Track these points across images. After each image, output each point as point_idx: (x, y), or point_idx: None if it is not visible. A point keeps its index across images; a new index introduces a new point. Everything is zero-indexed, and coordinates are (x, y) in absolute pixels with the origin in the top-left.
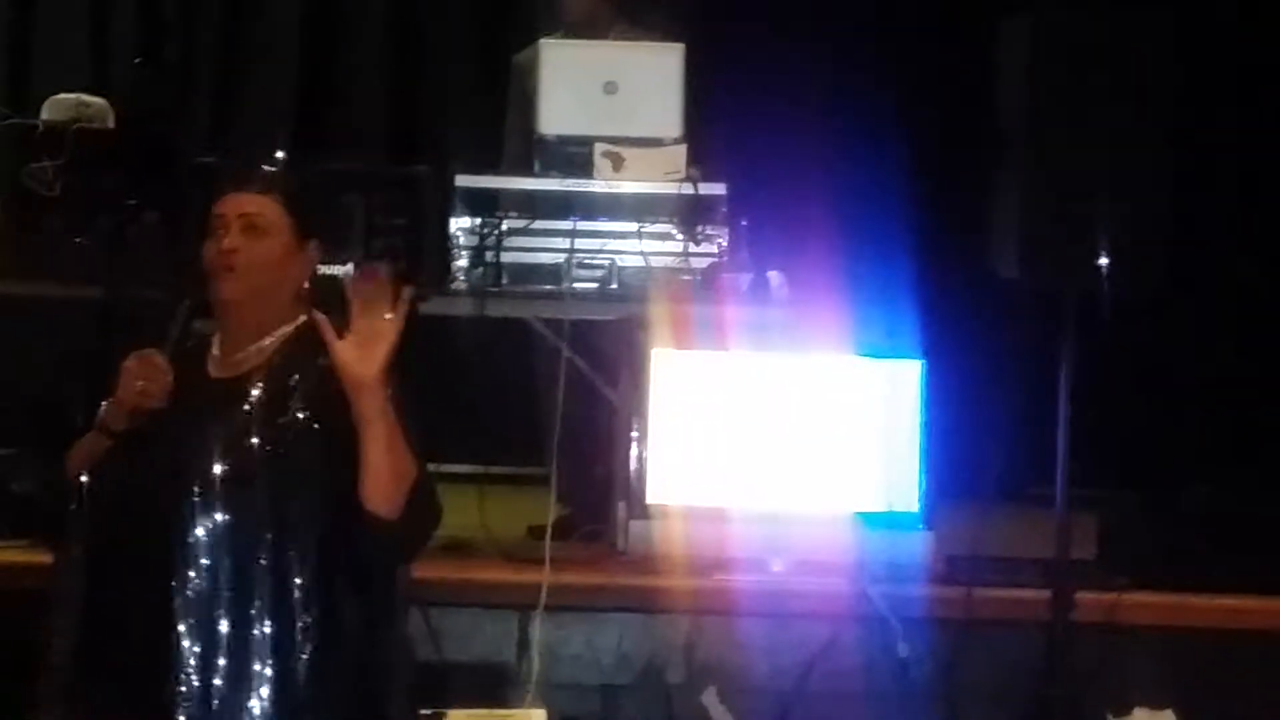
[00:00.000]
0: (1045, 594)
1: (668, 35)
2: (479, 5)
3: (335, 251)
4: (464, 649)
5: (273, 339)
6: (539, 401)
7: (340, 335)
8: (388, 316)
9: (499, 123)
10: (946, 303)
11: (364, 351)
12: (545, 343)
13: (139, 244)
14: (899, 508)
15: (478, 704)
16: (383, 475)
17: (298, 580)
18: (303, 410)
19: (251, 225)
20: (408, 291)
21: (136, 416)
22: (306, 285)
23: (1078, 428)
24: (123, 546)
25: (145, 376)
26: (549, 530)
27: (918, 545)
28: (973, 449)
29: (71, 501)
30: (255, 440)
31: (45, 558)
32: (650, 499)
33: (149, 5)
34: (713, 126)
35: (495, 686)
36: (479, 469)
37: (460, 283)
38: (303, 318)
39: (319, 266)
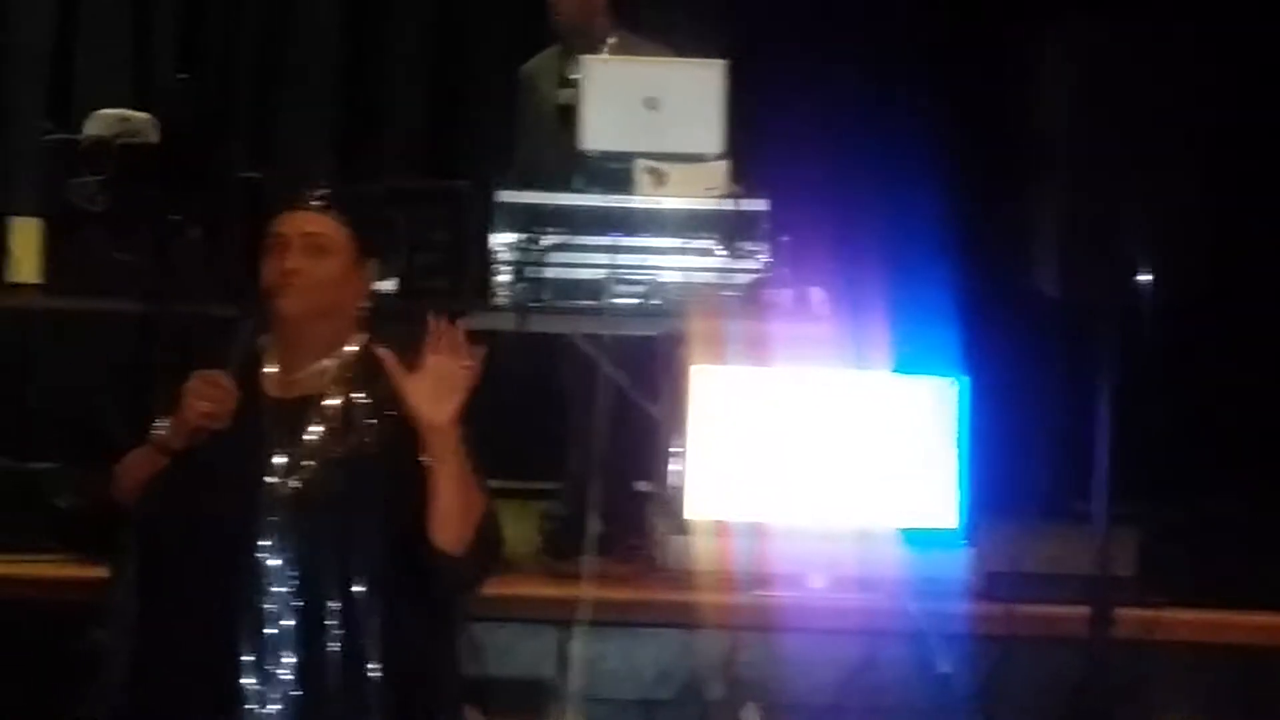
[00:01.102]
0: (1085, 610)
1: (669, 45)
2: (519, 19)
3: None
4: (505, 663)
5: (333, 360)
6: (579, 417)
7: (404, 365)
8: (466, 364)
9: None
10: (987, 319)
11: (438, 394)
12: (586, 358)
13: (181, 259)
14: (939, 524)
15: (518, 719)
16: (452, 513)
17: (362, 605)
18: (366, 434)
19: (314, 245)
20: (481, 350)
21: (197, 436)
22: (366, 304)
23: (1118, 444)
24: (179, 568)
25: (209, 397)
26: (589, 545)
27: (958, 561)
28: (1013, 465)
29: (119, 517)
30: (318, 463)
31: (89, 571)
32: (689, 514)
33: (190, 20)
34: (754, 142)
35: (535, 701)
36: (520, 484)
37: (502, 298)
38: (364, 337)
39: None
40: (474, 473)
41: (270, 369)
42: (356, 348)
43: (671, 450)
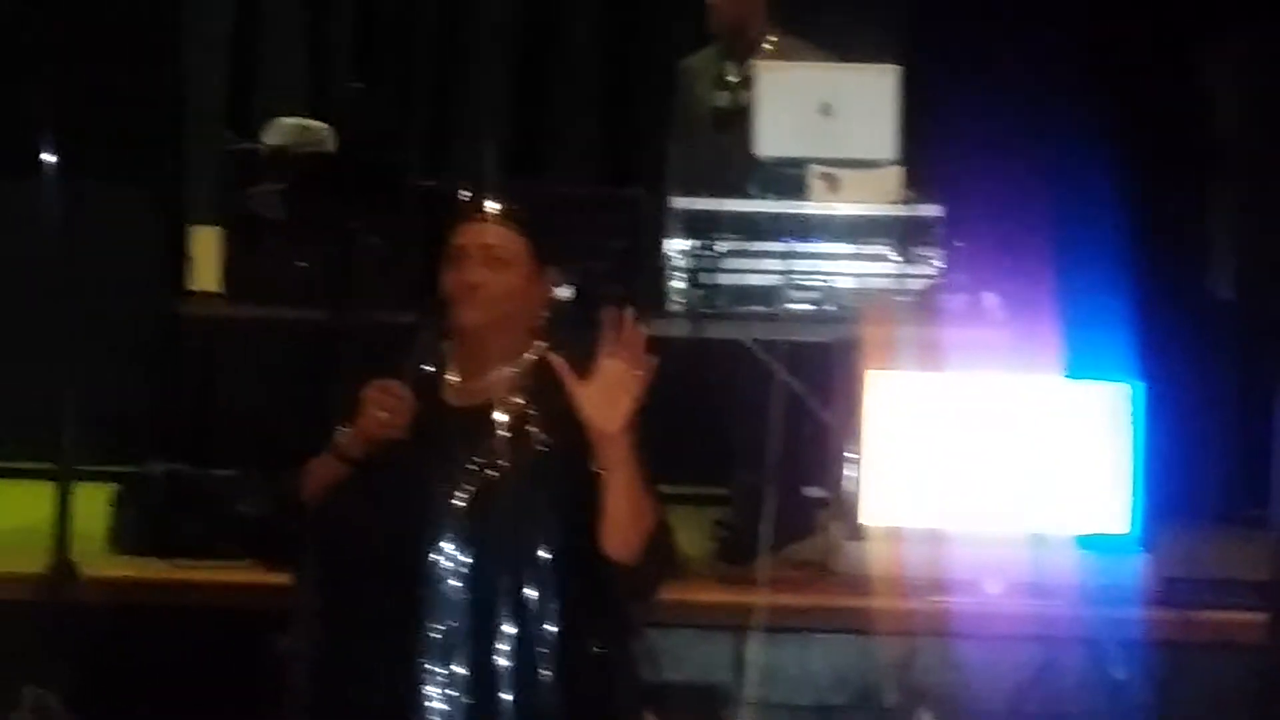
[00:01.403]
0: (1262, 617)
1: (829, 48)
2: (693, 23)
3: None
4: (680, 669)
5: (513, 368)
6: (753, 423)
7: (579, 373)
8: (637, 372)
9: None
10: (1162, 323)
11: (609, 401)
12: (760, 364)
13: (359, 266)
14: (1115, 530)
15: None
16: (622, 522)
17: (537, 612)
18: (544, 442)
19: (493, 257)
20: (653, 362)
21: (375, 445)
22: (545, 313)
23: None
24: (359, 575)
25: (387, 406)
26: (764, 550)
27: (1134, 567)
28: (1188, 470)
29: (303, 523)
30: (497, 472)
31: (272, 578)
32: (865, 520)
33: (366, 29)
34: (928, 148)
35: (711, 707)
36: (693, 490)
37: (676, 305)
38: (543, 346)
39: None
40: (646, 481)
41: (451, 377)
42: (535, 356)
43: (846, 456)
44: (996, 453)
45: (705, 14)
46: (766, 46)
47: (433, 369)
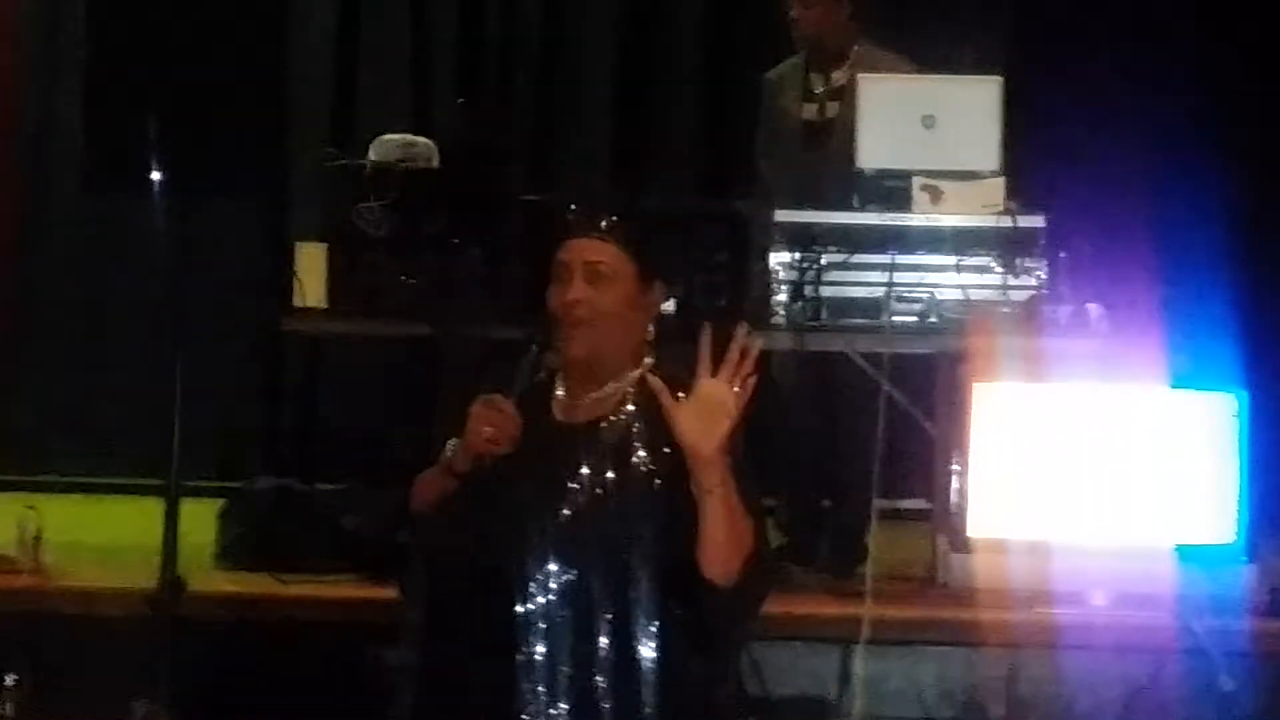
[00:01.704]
0: None
1: (908, 58)
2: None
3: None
4: (786, 682)
5: (618, 385)
6: (857, 435)
7: (676, 392)
8: (735, 390)
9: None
10: (1267, 332)
11: (705, 423)
12: (865, 377)
13: (464, 282)
14: (1221, 540)
15: None
16: (720, 545)
17: (637, 632)
18: (646, 462)
19: (596, 273)
20: (752, 381)
21: (482, 460)
22: (652, 329)
23: None
24: (464, 591)
25: (493, 423)
26: (870, 563)
27: (1240, 578)
28: None
29: (411, 538)
30: (602, 489)
31: (377, 592)
32: (971, 532)
33: (469, 45)
34: (1031, 158)
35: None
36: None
37: (780, 318)
38: (648, 362)
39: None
40: (746, 502)
41: (559, 393)
42: (639, 372)
43: (952, 468)
44: (1101, 464)
45: (789, 27)
46: (852, 56)
47: (542, 383)
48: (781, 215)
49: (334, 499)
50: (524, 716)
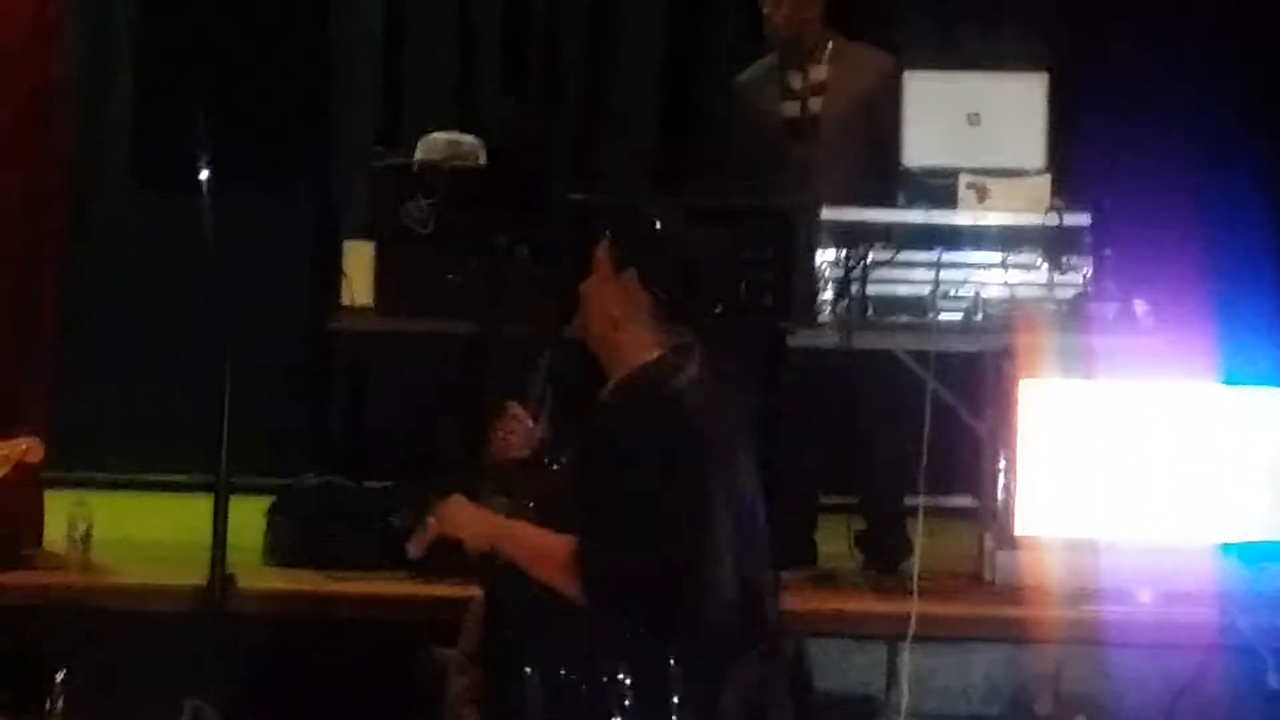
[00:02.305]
0: None
1: (889, 51)
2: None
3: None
4: (834, 679)
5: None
6: (905, 433)
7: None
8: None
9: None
10: None
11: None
12: (911, 374)
13: (510, 280)
14: (1268, 538)
15: None
16: (540, 576)
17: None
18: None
19: (593, 269)
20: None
21: (509, 466)
22: (639, 314)
23: None
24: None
25: (511, 430)
26: (916, 560)
27: None
28: None
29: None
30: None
31: (426, 589)
32: (1018, 530)
33: (514, 44)
34: (1077, 156)
35: (865, 716)
36: (847, 500)
37: (826, 315)
38: (657, 351)
39: None
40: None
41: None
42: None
43: (999, 465)
44: (1148, 460)
45: (762, 25)
46: (827, 51)
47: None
48: (828, 213)
49: (381, 497)
50: None
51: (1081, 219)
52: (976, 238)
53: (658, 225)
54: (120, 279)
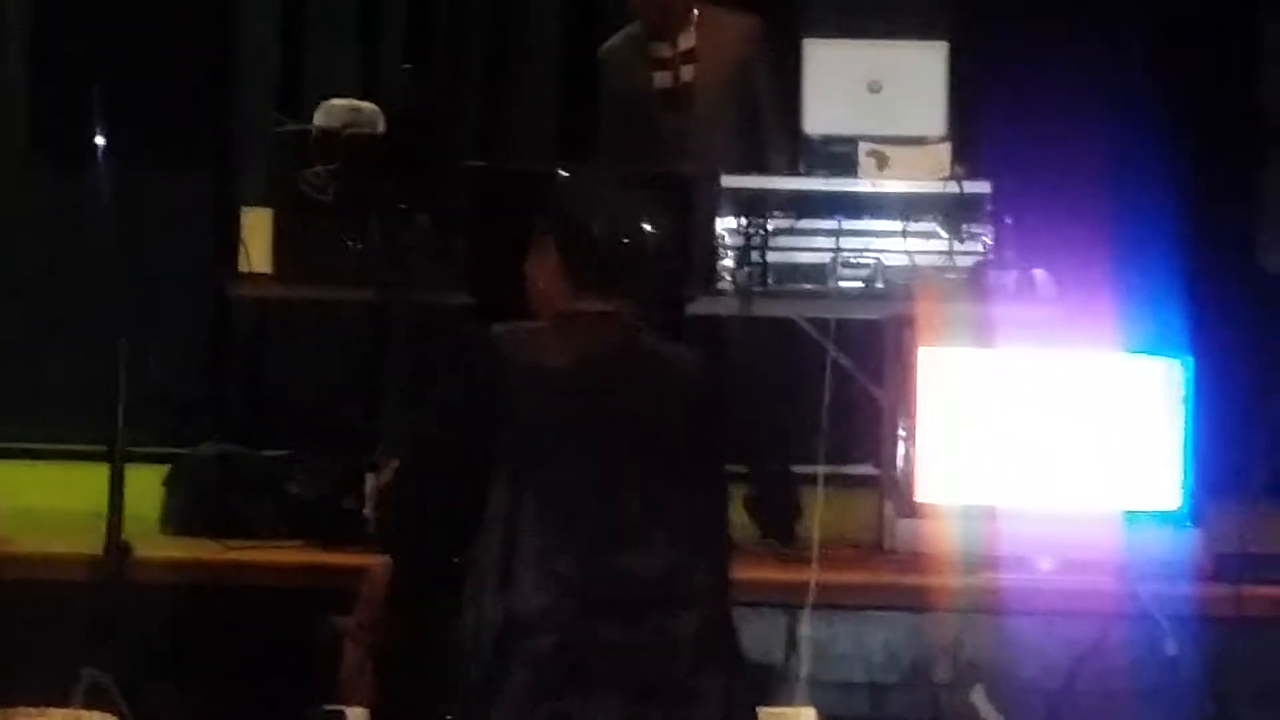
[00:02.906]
0: None
1: (755, 14)
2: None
3: None
4: None
5: None
6: (803, 401)
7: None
8: None
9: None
10: (1212, 298)
11: None
12: (811, 342)
13: (411, 248)
14: (1165, 506)
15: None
16: None
17: None
18: None
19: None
20: None
21: None
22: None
23: None
24: None
25: None
26: (816, 529)
27: (1185, 543)
28: (1240, 446)
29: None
30: None
31: (323, 557)
32: (918, 498)
33: (417, 10)
34: (976, 124)
35: (764, 684)
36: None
37: (726, 283)
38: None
39: None
40: None
41: None
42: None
43: (899, 433)
44: (1047, 429)
45: None
46: (693, 20)
47: None
48: (728, 180)
49: (280, 465)
50: None
51: (982, 187)
52: (877, 206)
53: (577, 200)
54: (18, 248)
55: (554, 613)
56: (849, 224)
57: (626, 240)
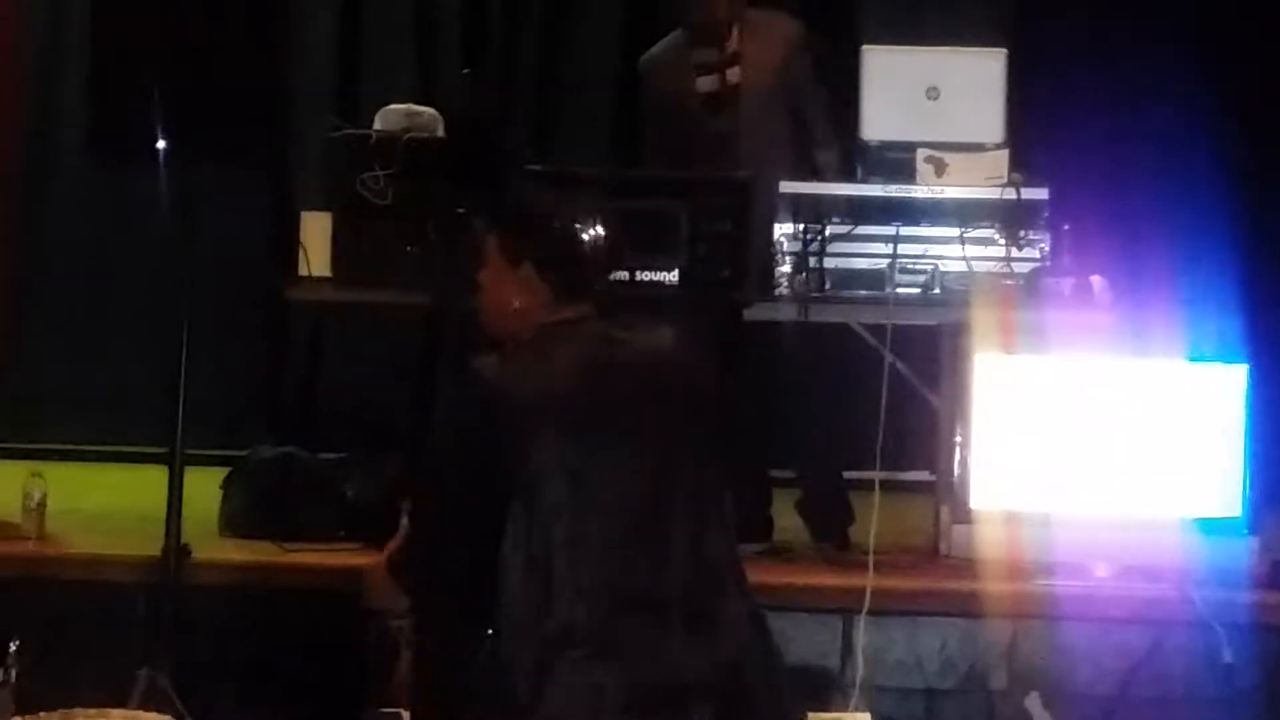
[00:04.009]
0: None
1: (789, 16)
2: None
3: (658, 258)
4: (788, 652)
5: None
6: (859, 406)
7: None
8: None
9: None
10: (1272, 305)
11: None
12: (868, 348)
13: (468, 251)
14: (1223, 513)
15: (802, 708)
16: None
17: None
18: None
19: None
20: None
21: None
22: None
23: None
24: None
25: None
26: (872, 534)
27: (1242, 550)
28: None
29: None
30: None
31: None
32: (974, 504)
33: (473, 15)
34: (1035, 130)
35: (819, 690)
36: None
37: (784, 289)
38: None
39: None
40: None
41: None
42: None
43: (955, 439)
44: (1104, 436)
45: (682, 5)
46: (740, 26)
47: None
48: (786, 186)
49: (336, 468)
50: None
51: (1039, 193)
52: (934, 212)
53: (546, 214)
54: (77, 250)
55: (586, 625)
56: (906, 230)
57: (600, 239)
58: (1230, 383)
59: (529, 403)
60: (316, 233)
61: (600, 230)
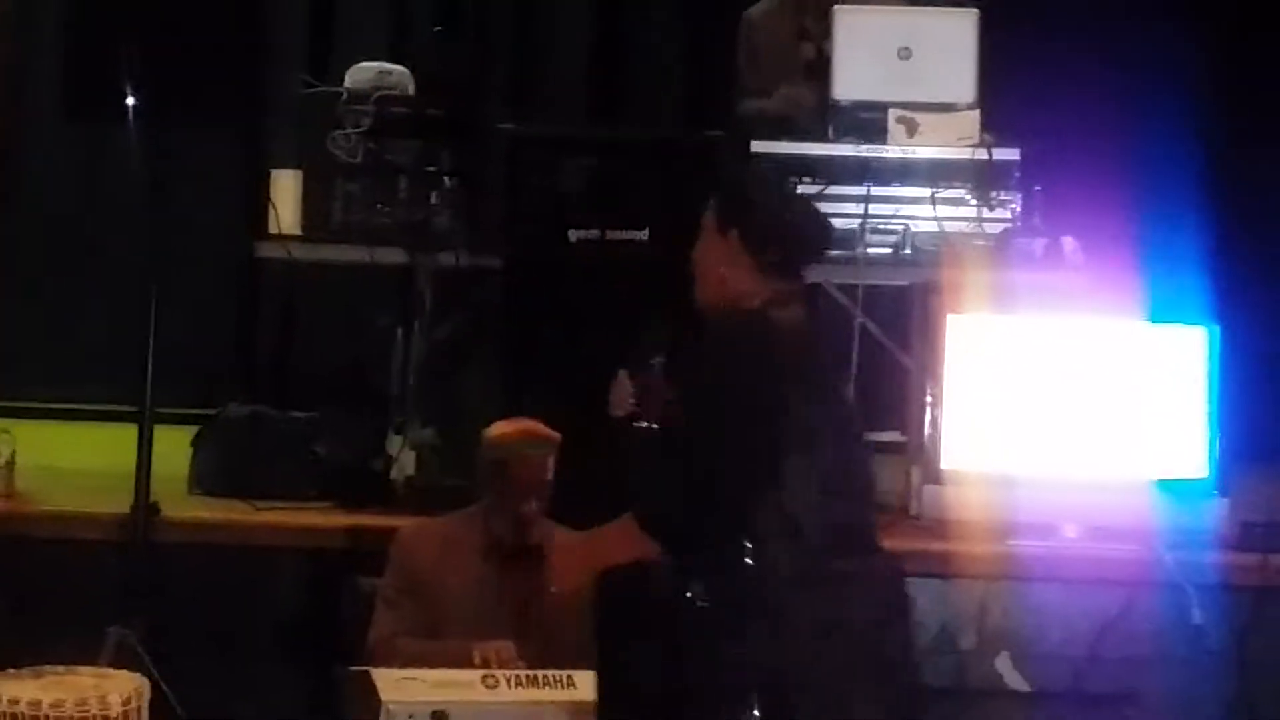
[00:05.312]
0: None
1: None
2: None
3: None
4: None
5: None
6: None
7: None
8: None
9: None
10: (1239, 266)
11: None
12: (839, 308)
13: (439, 209)
14: (1192, 474)
15: None
16: None
17: None
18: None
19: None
20: None
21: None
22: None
23: None
24: None
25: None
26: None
27: (1211, 511)
28: (1265, 414)
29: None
30: None
31: (350, 519)
32: (944, 464)
33: None
34: (1006, 91)
35: None
36: None
37: None
38: None
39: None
40: None
41: None
42: None
43: (926, 400)
44: (1074, 397)
45: None
46: None
47: None
48: (758, 146)
49: (307, 426)
50: None
51: (1010, 154)
52: (905, 172)
53: (759, 187)
54: (47, 208)
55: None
56: (878, 190)
57: (810, 221)
58: (1198, 343)
59: (783, 357)
60: (287, 191)
61: (808, 218)
